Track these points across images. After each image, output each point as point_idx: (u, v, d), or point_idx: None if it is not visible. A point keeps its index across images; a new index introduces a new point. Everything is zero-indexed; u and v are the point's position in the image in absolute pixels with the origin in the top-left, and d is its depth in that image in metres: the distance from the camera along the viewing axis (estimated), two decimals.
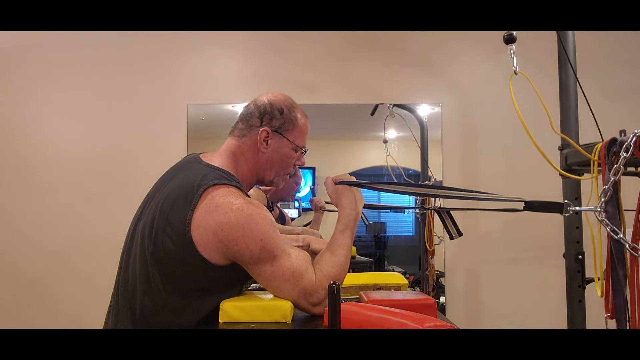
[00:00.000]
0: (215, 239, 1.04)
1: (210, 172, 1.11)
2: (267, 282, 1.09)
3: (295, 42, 2.44)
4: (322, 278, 1.12)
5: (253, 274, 1.10)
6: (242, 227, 1.04)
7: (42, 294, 2.31)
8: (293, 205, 2.57)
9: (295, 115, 1.23)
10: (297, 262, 1.10)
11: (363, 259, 2.49)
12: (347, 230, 1.22)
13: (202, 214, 1.04)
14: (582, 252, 1.37)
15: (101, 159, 2.37)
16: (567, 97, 1.37)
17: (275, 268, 1.08)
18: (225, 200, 1.05)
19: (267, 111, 1.21)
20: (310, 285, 1.10)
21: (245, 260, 1.07)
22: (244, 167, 1.21)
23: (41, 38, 2.41)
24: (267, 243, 1.06)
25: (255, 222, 1.05)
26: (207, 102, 2.41)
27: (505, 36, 1.13)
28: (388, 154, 2.47)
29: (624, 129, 0.93)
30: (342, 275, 1.17)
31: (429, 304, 1.09)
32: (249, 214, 1.05)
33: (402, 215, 2.66)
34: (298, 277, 1.09)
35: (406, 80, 2.46)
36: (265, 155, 1.21)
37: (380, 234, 2.63)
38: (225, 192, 1.07)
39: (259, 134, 1.19)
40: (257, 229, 1.05)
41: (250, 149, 1.21)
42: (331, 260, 1.17)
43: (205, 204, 1.05)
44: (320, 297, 1.11)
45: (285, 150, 1.22)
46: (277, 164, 1.23)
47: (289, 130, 1.21)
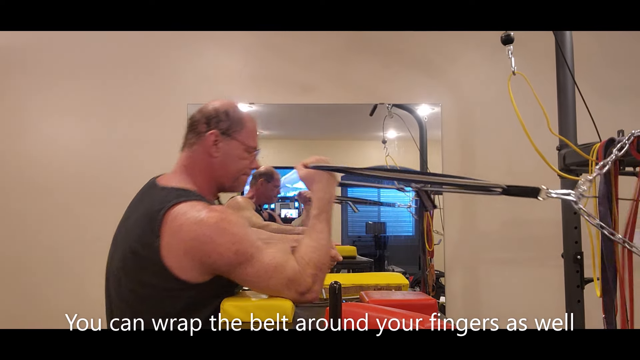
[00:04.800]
0: (189, 258, 1.03)
1: (167, 194, 1.10)
2: (253, 283, 1.09)
3: (295, 42, 2.44)
4: (304, 265, 1.12)
5: (237, 280, 1.10)
6: (210, 238, 1.03)
7: (42, 294, 2.31)
8: (293, 205, 2.57)
9: (241, 116, 1.23)
10: (276, 255, 1.10)
11: (363, 259, 2.49)
12: (322, 214, 1.20)
13: (168, 238, 1.04)
14: (580, 252, 1.37)
15: (101, 158, 2.37)
16: (565, 97, 1.38)
17: (257, 267, 1.07)
18: (186, 216, 1.04)
19: (213, 115, 1.20)
20: (295, 274, 1.10)
21: (224, 270, 1.07)
22: (200, 177, 1.19)
23: (41, 38, 2.41)
24: (240, 246, 1.05)
25: (222, 228, 1.05)
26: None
27: (502, 37, 1.14)
28: (387, 154, 2.48)
29: (622, 129, 0.93)
30: (324, 259, 1.16)
31: (430, 304, 1.09)
32: (213, 223, 1.04)
33: (402, 215, 2.66)
34: (281, 270, 1.09)
35: (406, 80, 2.46)
36: (218, 160, 1.19)
37: (380, 234, 2.63)
38: (185, 209, 1.06)
39: (208, 138, 1.18)
40: (225, 235, 1.04)
41: (203, 157, 1.19)
42: (311, 246, 1.15)
43: (168, 227, 1.04)
44: (308, 284, 1.11)
45: (237, 152, 1.21)
46: (232, 166, 1.21)
47: (237, 131, 1.20)
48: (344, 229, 2.59)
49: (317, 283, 1.13)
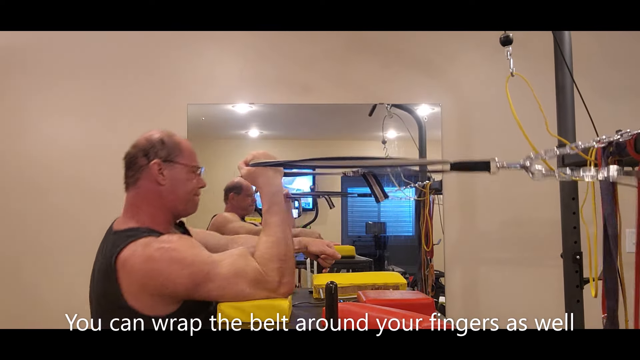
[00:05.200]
0: (149, 294, 1.06)
1: (117, 239, 1.12)
2: (221, 296, 1.10)
3: (295, 42, 2.44)
4: (265, 261, 1.13)
5: (206, 299, 1.11)
6: (160, 272, 1.05)
7: (42, 294, 2.31)
8: (293, 205, 2.57)
9: (176, 140, 1.24)
10: (234, 262, 1.11)
11: (363, 259, 2.49)
12: (273, 206, 1.21)
13: (126, 282, 1.06)
14: (579, 252, 1.37)
15: (101, 159, 2.37)
16: (564, 97, 1.38)
17: (217, 281, 1.08)
18: (135, 257, 1.06)
19: (150, 146, 1.21)
20: (258, 273, 1.11)
21: (186, 295, 1.08)
22: (151, 209, 1.19)
23: (41, 38, 2.41)
24: (192, 268, 1.06)
25: (169, 258, 1.06)
26: (207, 102, 2.41)
27: (501, 38, 1.14)
28: (387, 154, 2.48)
29: (620, 130, 0.93)
30: (285, 251, 1.16)
31: (427, 303, 1.09)
32: (159, 255, 1.06)
33: (402, 215, 2.66)
34: (243, 274, 1.10)
35: (406, 81, 2.46)
36: (166, 187, 1.19)
37: (380, 234, 2.63)
38: (133, 249, 1.07)
39: (152, 169, 1.18)
40: (174, 264, 1.06)
41: (150, 188, 1.19)
42: (269, 242, 1.16)
43: (123, 272, 1.06)
44: (275, 279, 1.12)
45: (183, 175, 1.21)
46: (181, 190, 1.21)
47: (177, 155, 1.21)
48: (344, 229, 2.59)
49: (286, 275, 1.14)
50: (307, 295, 1.55)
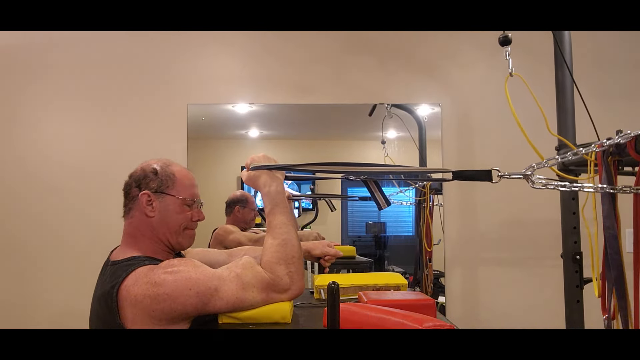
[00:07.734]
0: (157, 321, 1.04)
1: (117, 269, 1.10)
2: (235, 309, 1.09)
3: (295, 42, 2.44)
4: (273, 265, 1.13)
5: (219, 313, 1.10)
6: (167, 296, 1.04)
7: (42, 294, 2.31)
8: (293, 205, 2.57)
9: (171, 171, 1.21)
10: (240, 274, 1.10)
11: (363, 259, 2.49)
12: (276, 207, 1.21)
13: (129, 312, 1.04)
14: (579, 252, 1.37)
15: (101, 158, 2.38)
16: (564, 97, 1.38)
17: (227, 295, 1.08)
18: (138, 285, 1.05)
19: (142, 177, 1.19)
20: (266, 280, 1.11)
21: (197, 313, 1.07)
22: (146, 240, 1.18)
23: (42, 38, 2.41)
24: (199, 287, 1.05)
25: (173, 281, 1.05)
26: (207, 102, 2.41)
27: (500, 38, 1.14)
28: (386, 154, 2.48)
29: (620, 130, 0.93)
30: (290, 252, 1.16)
31: (429, 304, 1.09)
32: (163, 280, 1.04)
33: (402, 215, 2.66)
34: (251, 283, 1.09)
35: (406, 81, 2.46)
36: (156, 219, 1.17)
37: (380, 234, 2.63)
38: (135, 278, 1.06)
39: (141, 200, 1.17)
40: (179, 286, 1.04)
41: (142, 219, 1.18)
42: (275, 245, 1.16)
43: (126, 302, 1.04)
44: (286, 281, 1.12)
45: (174, 207, 1.18)
46: (171, 222, 1.18)
47: (169, 187, 1.19)
48: (344, 229, 2.59)
49: (295, 274, 1.14)
50: (308, 296, 1.55)
